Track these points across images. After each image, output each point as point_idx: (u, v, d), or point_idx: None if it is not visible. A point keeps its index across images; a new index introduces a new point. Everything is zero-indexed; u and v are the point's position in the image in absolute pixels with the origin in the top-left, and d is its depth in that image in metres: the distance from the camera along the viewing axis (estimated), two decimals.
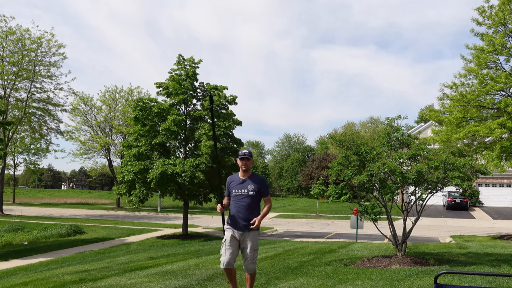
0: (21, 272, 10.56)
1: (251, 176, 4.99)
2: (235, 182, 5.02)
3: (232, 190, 4.98)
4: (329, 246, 12.54)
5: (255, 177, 5.01)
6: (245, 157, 4.95)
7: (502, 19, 15.88)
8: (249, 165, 4.96)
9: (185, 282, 6.57)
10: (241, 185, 4.94)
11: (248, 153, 4.97)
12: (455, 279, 6.42)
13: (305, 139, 74.20)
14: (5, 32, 30.48)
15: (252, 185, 4.91)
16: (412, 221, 8.52)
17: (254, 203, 4.92)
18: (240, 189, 4.92)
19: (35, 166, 38.91)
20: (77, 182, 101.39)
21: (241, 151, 5.00)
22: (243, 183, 4.95)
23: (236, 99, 19.67)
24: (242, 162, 4.95)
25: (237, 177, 5.05)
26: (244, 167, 4.95)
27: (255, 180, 4.97)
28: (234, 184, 5.01)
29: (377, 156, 8.16)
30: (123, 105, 38.85)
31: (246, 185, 4.91)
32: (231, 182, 5.05)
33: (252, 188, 4.90)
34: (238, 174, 5.06)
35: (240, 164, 4.97)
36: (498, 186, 38.39)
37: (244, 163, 4.95)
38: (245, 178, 4.97)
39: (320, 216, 30.84)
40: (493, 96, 16.58)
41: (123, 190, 18.84)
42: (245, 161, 4.95)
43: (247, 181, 4.95)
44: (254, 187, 4.91)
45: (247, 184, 4.92)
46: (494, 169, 16.79)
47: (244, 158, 4.95)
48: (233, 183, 5.03)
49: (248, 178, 4.97)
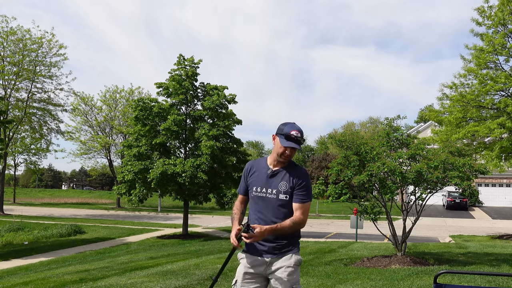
0: (22, 271, 10.58)
1: (288, 168, 2.86)
2: (258, 172, 2.92)
3: (252, 186, 2.91)
4: (329, 246, 12.57)
5: (293, 169, 2.86)
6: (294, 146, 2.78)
7: (502, 19, 15.90)
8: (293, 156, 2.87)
9: (185, 282, 6.59)
10: (268, 180, 2.85)
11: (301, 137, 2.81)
12: (454, 279, 6.43)
13: (305, 139, 74.20)
14: (6, 32, 30.50)
15: (285, 184, 2.81)
16: (412, 221, 8.54)
17: (287, 213, 2.80)
18: (266, 188, 2.84)
19: (35, 166, 38.96)
20: (77, 182, 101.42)
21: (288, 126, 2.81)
22: (272, 177, 2.85)
23: (236, 98, 19.71)
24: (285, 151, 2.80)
25: (263, 165, 2.93)
26: (285, 158, 2.82)
27: (292, 173, 2.84)
28: (257, 176, 2.91)
29: (377, 156, 8.18)
30: (124, 105, 38.88)
31: (277, 182, 2.83)
32: (253, 172, 2.95)
33: (285, 188, 2.80)
34: (265, 159, 2.97)
35: (280, 151, 2.80)
36: (497, 186, 38.41)
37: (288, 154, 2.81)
38: (277, 170, 2.86)
39: (320, 216, 30.87)
40: (493, 96, 16.59)
41: (123, 190, 18.88)
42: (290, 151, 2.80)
43: (279, 174, 2.85)
44: (288, 186, 2.81)
45: (278, 180, 2.83)
46: (494, 169, 16.81)
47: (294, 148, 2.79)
48: (256, 174, 2.92)
49: (281, 170, 2.86)
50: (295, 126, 2.82)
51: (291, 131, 2.77)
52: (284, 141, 2.77)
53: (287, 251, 2.79)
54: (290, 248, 2.81)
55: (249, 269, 2.81)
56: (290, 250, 2.80)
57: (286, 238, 2.80)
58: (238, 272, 2.86)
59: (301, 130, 2.83)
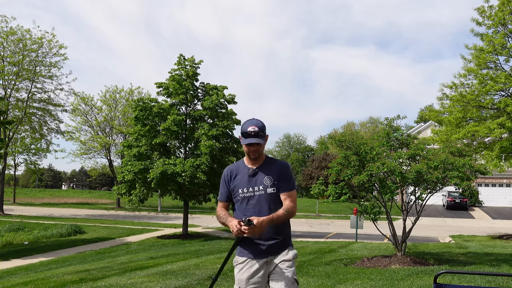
0: (22, 271, 10.58)
1: (266, 164, 2.97)
2: (240, 175, 2.98)
3: (237, 189, 2.95)
4: (329, 246, 12.57)
5: (272, 163, 2.98)
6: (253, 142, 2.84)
7: (502, 19, 15.90)
8: (261, 151, 2.93)
9: (185, 282, 6.59)
10: (251, 180, 2.93)
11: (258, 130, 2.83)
12: (454, 279, 6.44)
13: (305, 139, 74.09)
14: (6, 33, 30.50)
15: (270, 178, 2.90)
16: (412, 221, 8.55)
17: (278, 205, 2.89)
18: (251, 187, 2.91)
19: (35, 166, 38.96)
20: (77, 182, 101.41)
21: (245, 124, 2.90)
22: (254, 176, 2.94)
23: (235, 98, 19.73)
24: (249, 148, 2.88)
25: (242, 166, 3.01)
26: (253, 154, 2.91)
27: (272, 168, 2.94)
28: (239, 179, 2.97)
29: (377, 156, 8.18)
30: (124, 105, 38.88)
31: (261, 179, 2.92)
32: (233, 177, 3.00)
33: (271, 182, 2.89)
34: (243, 161, 3.05)
35: (246, 150, 2.91)
36: (497, 186, 38.41)
37: (253, 150, 2.89)
38: (258, 167, 2.96)
39: (320, 216, 30.86)
40: (493, 96, 16.60)
41: (123, 190, 18.89)
42: (254, 147, 2.88)
43: (261, 172, 2.94)
44: (274, 179, 2.90)
45: (261, 176, 2.93)
46: (494, 169, 16.81)
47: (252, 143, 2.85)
48: (237, 178, 2.98)
49: (261, 167, 2.95)
50: (251, 121, 2.90)
51: (247, 128, 2.85)
52: (243, 139, 2.88)
53: (284, 247, 2.92)
54: (286, 244, 2.94)
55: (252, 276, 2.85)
56: (286, 246, 2.93)
57: (281, 236, 2.91)
58: (240, 280, 2.87)
59: (259, 124, 2.88)
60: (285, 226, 2.96)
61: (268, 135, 2.99)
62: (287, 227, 2.99)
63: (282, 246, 2.91)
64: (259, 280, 2.85)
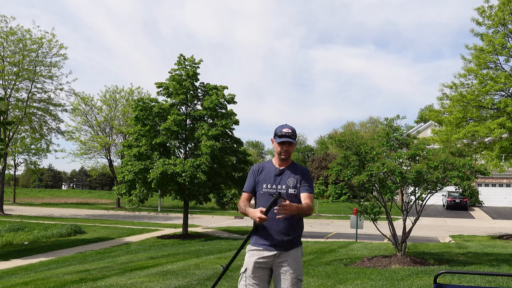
0: (22, 271, 10.58)
1: (292, 166, 3.24)
2: (266, 172, 3.23)
3: (262, 184, 3.19)
4: (329, 246, 12.57)
5: (297, 168, 3.25)
6: (287, 140, 3.14)
7: (502, 19, 15.90)
8: (291, 152, 3.22)
9: (185, 282, 6.59)
10: (276, 178, 3.18)
11: (291, 133, 3.15)
12: (454, 279, 6.44)
13: (305, 139, 74.22)
14: (5, 33, 30.50)
15: (293, 180, 3.16)
16: (412, 221, 8.55)
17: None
18: (275, 184, 3.16)
19: (35, 166, 38.95)
20: (77, 182, 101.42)
21: (279, 127, 3.20)
22: (280, 175, 3.19)
23: (235, 98, 19.73)
24: (281, 147, 3.16)
25: (269, 165, 3.27)
26: (284, 154, 3.18)
27: (296, 172, 3.21)
28: (265, 175, 3.21)
29: (377, 156, 8.18)
30: (124, 105, 38.89)
31: (285, 179, 3.16)
32: (261, 172, 3.25)
33: (293, 184, 3.14)
34: (271, 161, 3.31)
35: (279, 150, 3.18)
36: (497, 186, 38.41)
37: (285, 150, 3.17)
38: (283, 169, 3.21)
39: (320, 216, 30.86)
40: (493, 96, 16.60)
41: (123, 190, 18.88)
42: (286, 146, 3.16)
43: (286, 173, 3.20)
44: (296, 182, 3.16)
45: (286, 177, 3.17)
46: (494, 169, 16.82)
47: (286, 142, 3.15)
48: (264, 173, 3.23)
49: (287, 169, 3.22)
50: (286, 125, 3.21)
51: (282, 130, 3.16)
52: (278, 139, 3.16)
53: (294, 245, 3.13)
54: (296, 243, 3.16)
55: (260, 259, 3.07)
56: (296, 244, 3.15)
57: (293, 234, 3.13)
58: (248, 262, 3.10)
59: (292, 128, 3.21)
60: (298, 225, 3.18)
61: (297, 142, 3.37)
62: (300, 226, 3.20)
63: (293, 244, 3.11)
64: (265, 267, 3.07)
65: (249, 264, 3.09)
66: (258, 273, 3.07)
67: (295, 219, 3.12)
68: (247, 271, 3.09)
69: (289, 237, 3.09)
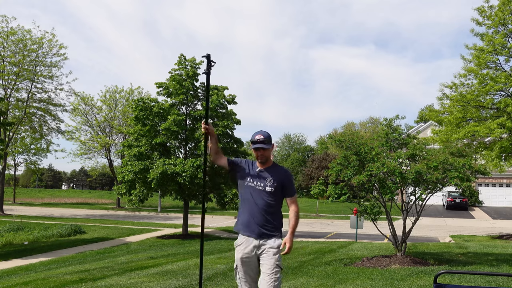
0: (22, 271, 10.58)
1: (272, 168, 3.64)
2: (252, 169, 3.68)
3: (247, 177, 3.64)
4: (329, 246, 12.57)
5: (277, 169, 3.64)
6: (260, 146, 3.54)
7: (502, 19, 15.90)
8: (268, 156, 3.61)
9: (185, 282, 6.60)
10: (258, 175, 3.61)
11: (263, 138, 3.53)
12: (454, 279, 6.44)
13: (305, 139, 74.05)
14: (6, 33, 30.50)
15: (271, 179, 3.56)
16: (412, 221, 8.55)
17: (274, 204, 3.56)
18: (256, 181, 3.59)
19: (35, 166, 38.95)
20: (77, 182, 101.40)
21: (254, 134, 3.59)
22: (261, 174, 3.61)
23: (235, 98, 19.72)
24: (256, 152, 3.59)
25: (255, 165, 3.69)
26: (261, 158, 3.59)
27: (276, 172, 3.61)
28: (250, 170, 3.67)
29: (377, 156, 8.18)
30: (124, 105, 38.89)
31: (265, 178, 3.58)
32: (247, 166, 3.71)
33: (271, 183, 3.54)
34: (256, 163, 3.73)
35: (256, 154, 3.62)
36: (497, 186, 38.41)
37: (260, 154, 3.58)
38: (264, 169, 3.63)
39: (320, 216, 30.86)
40: (493, 96, 16.60)
41: (123, 190, 18.88)
42: (260, 152, 3.57)
43: (266, 172, 3.61)
44: (274, 182, 3.55)
45: (265, 176, 3.59)
46: (494, 169, 16.82)
47: (259, 148, 3.55)
48: (250, 168, 3.69)
49: (268, 169, 3.63)
50: (259, 132, 3.61)
51: (255, 137, 3.57)
52: (252, 145, 3.59)
53: (272, 236, 3.51)
54: (274, 234, 3.53)
55: (246, 253, 3.50)
56: (274, 235, 3.52)
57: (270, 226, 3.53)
58: (236, 259, 3.56)
59: (265, 133, 3.59)
60: (274, 218, 3.56)
61: (274, 144, 3.76)
62: (276, 219, 3.58)
63: (271, 235, 3.51)
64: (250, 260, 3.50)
65: (237, 261, 3.54)
66: (246, 266, 3.50)
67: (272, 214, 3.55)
68: (237, 267, 3.55)
69: (266, 228, 3.51)
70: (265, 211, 3.51)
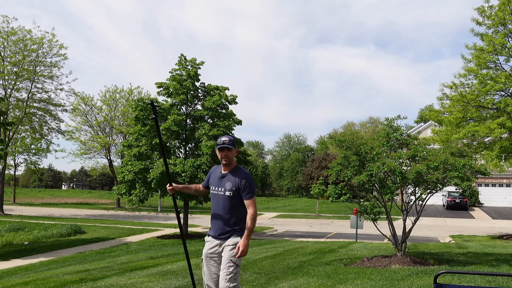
0: (22, 271, 10.58)
1: (232, 172, 3.82)
2: (214, 176, 3.94)
3: (211, 186, 3.92)
4: (329, 246, 12.57)
5: (236, 173, 3.80)
6: (224, 146, 3.75)
7: (502, 19, 15.90)
8: (231, 157, 3.81)
9: (185, 282, 6.59)
10: (219, 181, 3.84)
11: (228, 141, 3.76)
12: (454, 279, 6.44)
13: (305, 139, 74.08)
14: (6, 33, 30.50)
15: (230, 184, 3.75)
16: (412, 221, 8.54)
17: (234, 208, 3.76)
18: (217, 187, 3.84)
19: (35, 166, 38.96)
20: (77, 182, 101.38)
21: (219, 138, 3.84)
22: (222, 179, 3.83)
23: (236, 99, 19.72)
24: (221, 153, 3.79)
25: (219, 170, 3.92)
26: (225, 160, 3.79)
27: (236, 175, 3.78)
28: (213, 179, 3.94)
29: (377, 156, 8.18)
30: (123, 105, 38.90)
31: (224, 183, 3.79)
32: (211, 175, 4.01)
33: (230, 187, 3.74)
34: (220, 167, 3.94)
35: (220, 156, 3.81)
36: (497, 186, 38.40)
37: (224, 154, 3.77)
38: (225, 173, 3.83)
39: (320, 216, 30.86)
40: (493, 96, 16.60)
41: (123, 190, 18.88)
42: (225, 152, 3.77)
43: (226, 177, 3.81)
44: (232, 186, 3.74)
45: (225, 181, 3.80)
46: (494, 169, 16.81)
47: (224, 148, 3.76)
48: (213, 176, 3.96)
49: (228, 174, 3.81)
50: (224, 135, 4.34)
51: (221, 139, 3.81)
52: (217, 147, 3.81)
53: (231, 235, 3.78)
54: (232, 233, 3.78)
55: (210, 249, 3.85)
56: (232, 234, 3.77)
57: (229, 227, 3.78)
58: (203, 253, 3.91)
59: (229, 137, 3.83)
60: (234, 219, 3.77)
61: (237, 149, 3.97)
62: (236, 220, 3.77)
63: (229, 235, 3.78)
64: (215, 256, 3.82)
65: (203, 255, 3.89)
66: (209, 261, 3.83)
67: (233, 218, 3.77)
68: (203, 260, 3.89)
69: (225, 229, 3.78)
70: (225, 213, 3.77)
